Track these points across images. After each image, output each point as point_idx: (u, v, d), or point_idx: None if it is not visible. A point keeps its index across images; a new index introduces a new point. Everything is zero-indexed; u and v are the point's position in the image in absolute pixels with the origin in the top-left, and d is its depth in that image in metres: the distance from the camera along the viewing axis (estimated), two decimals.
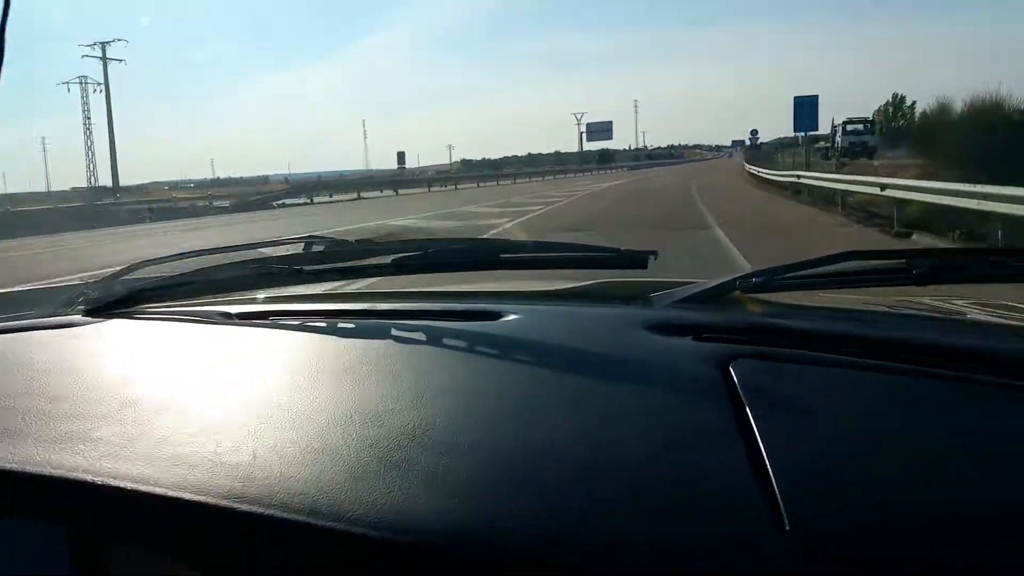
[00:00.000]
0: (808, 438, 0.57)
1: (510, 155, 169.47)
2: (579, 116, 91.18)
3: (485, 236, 6.51)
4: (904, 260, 0.86)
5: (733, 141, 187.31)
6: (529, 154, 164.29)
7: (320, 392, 0.72)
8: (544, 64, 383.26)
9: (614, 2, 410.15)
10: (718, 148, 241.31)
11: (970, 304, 1.03)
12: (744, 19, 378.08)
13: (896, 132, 76.52)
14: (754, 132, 51.43)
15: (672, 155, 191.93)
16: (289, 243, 1.24)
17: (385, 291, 1.19)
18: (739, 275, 0.88)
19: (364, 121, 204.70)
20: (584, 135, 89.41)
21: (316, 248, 1.18)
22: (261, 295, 1.14)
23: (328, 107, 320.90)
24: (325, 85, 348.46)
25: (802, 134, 25.34)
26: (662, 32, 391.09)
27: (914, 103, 78.39)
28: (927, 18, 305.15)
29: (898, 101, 76.29)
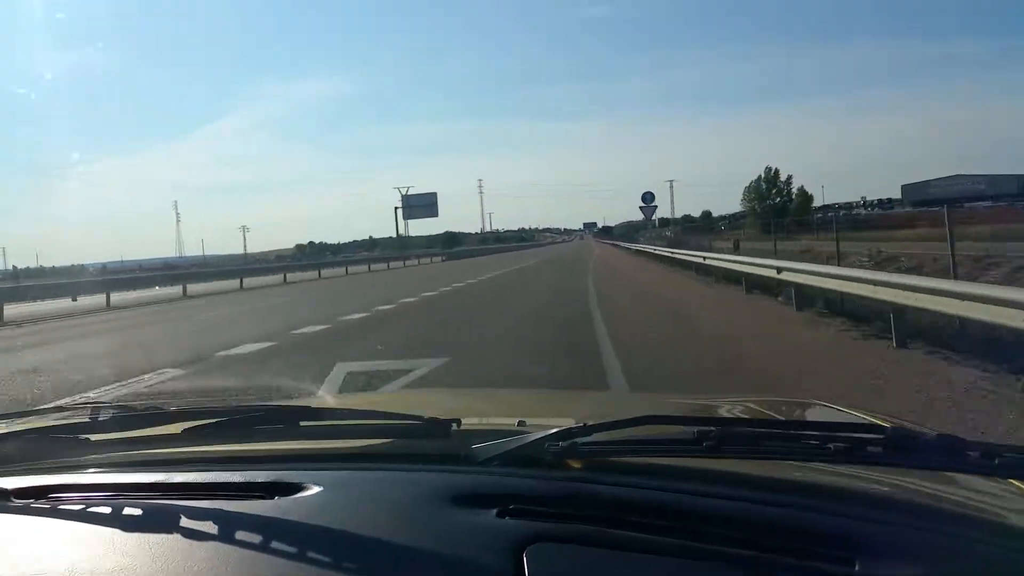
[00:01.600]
0: None
1: (354, 239, 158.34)
2: (404, 190, 70.59)
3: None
4: (695, 431, 0.87)
5: (584, 224, 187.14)
6: (371, 237, 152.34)
7: None
8: (391, 151, 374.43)
9: (458, 96, 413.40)
10: (567, 231, 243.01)
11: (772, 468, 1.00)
12: (581, 113, 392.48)
13: (770, 209, 69.22)
14: (648, 197, 34.68)
15: (523, 238, 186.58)
16: (74, 409, 1.19)
17: (184, 455, 1.06)
18: (548, 434, 0.89)
19: (176, 204, 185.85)
20: (401, 211, 68.69)
21: (103, 416, 1.12)
22: (43, 465, 1.05)
23: (147, 194, 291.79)
24: (144, 172, 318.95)
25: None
26: (510, 123, 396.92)
27: (790, 177, 71.70)
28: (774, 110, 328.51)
29: (771, 175, 69.17)
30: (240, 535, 0.75)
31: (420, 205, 69.89)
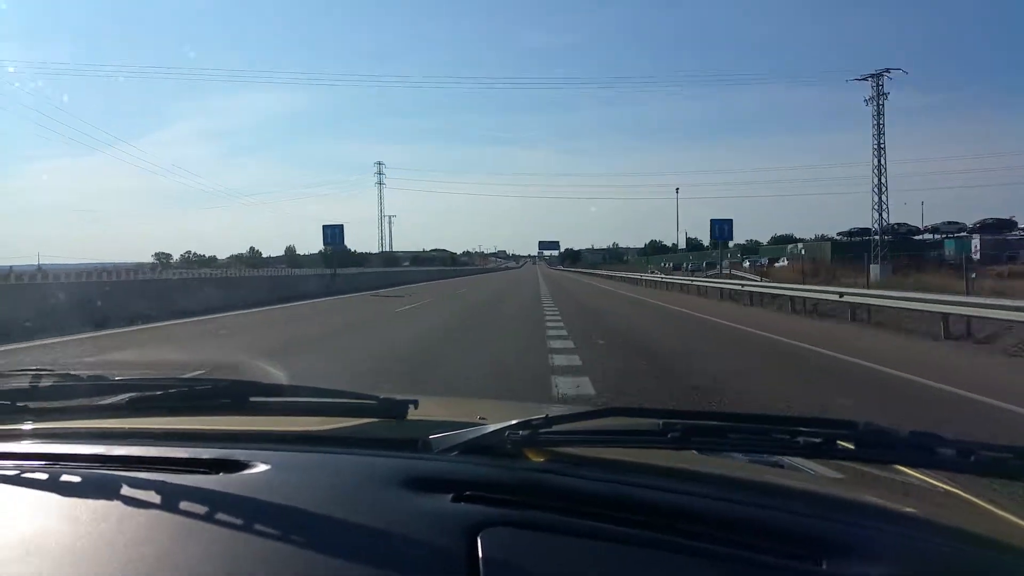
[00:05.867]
0: None
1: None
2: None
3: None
4: (660, 423, 0.85)
5: (541, 242, 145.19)
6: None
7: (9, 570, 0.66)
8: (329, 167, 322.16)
9: (402, 117, 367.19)
10: (515, 257, 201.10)
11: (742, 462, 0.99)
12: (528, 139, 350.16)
13: None
14: None
15: (456, 262, 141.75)
16: (13, 375, 1.13)
17: (127, 428, 1.01)
18: (508, 424, 0.87)
19: None
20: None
21: (44, 383, 1.07)
22: None
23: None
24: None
25: None
26: (469, 146, 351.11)
27: None
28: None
29: None
30: (182, 506, 0.73)
31: None
